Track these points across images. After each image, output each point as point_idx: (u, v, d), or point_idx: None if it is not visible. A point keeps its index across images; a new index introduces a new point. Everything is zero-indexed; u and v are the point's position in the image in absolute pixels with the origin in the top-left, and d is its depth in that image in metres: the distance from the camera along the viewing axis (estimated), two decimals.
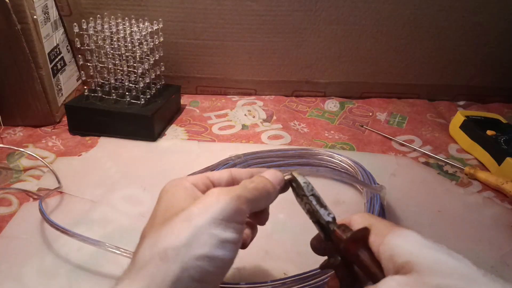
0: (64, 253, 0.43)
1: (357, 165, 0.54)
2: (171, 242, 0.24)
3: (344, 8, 0.75)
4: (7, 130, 0.68)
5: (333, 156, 0.56)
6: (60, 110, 0.71)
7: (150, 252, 0.24)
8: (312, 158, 0.57)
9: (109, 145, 0.65)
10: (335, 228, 0.28)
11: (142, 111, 0.64)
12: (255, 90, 0.85)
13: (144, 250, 0.25)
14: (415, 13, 0.76)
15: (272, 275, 0.41)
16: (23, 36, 0.61)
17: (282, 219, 0.48)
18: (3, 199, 0.51)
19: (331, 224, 0.29)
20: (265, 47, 0.80)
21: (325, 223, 0.29)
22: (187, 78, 0.84)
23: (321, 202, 0.30)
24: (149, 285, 0.23)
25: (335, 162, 0.56)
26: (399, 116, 0.78)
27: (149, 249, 0.25)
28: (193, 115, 0.76)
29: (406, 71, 0.83)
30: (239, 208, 0.27)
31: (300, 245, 0.44)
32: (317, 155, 0.57)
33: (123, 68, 0.65)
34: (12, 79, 0.64)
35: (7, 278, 0.40)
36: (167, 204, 0.28)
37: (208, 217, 0.25)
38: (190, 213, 0.26)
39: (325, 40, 0.79)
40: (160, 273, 0.23)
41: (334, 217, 0.29)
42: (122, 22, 0.65)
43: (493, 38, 0.79)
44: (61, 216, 0.48)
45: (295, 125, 0.74)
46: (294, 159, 0.57)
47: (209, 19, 0.76)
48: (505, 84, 0.85)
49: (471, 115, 0.70)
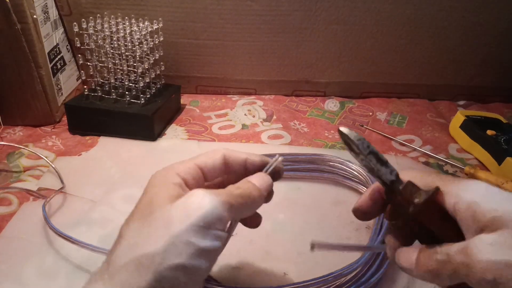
0: (64, 253, 0.43)
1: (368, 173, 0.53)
2: (147, 249, 0.24)
3: (344, 8, 0.75)
4: (7, 129, 0.68)
5: (344, 163, 0.55)
6: (60, 110, 0.71)
7: (125, 256, 0.24)
8: (322, 165, 0.56)
9: (109, 144, 0.64)
10: (402, 190, 0.26)
11: (142, 111, 0.64)
12: (255, 89, 0.85)
13: (120, 253, 0.24)
14: (415, 13, 0.76)
15: (272, 275, 0.41)
16: (23, 36, 0.61)
17: (282, 219, 0.48)
18: (3, 199, 0.51)
19: (396, 183, 0.26)
20: (265, 47, 0.80)
21: (389, 182, 0.26)
22: (187, 77, 0.84)
23: (381, 159, 0.27)
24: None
25: (346, 170, 0.54)
26: (399, 116, 0.78)
27: (124, 253, 0.24)
28: (193, 114, 0.76)
29: (406, 71, 0.83)
30: (221, 216, 0.26)
31: (300, 245, 0.44)
32: (329, 161, 0.55)
33: (123, 67, 0.65)
34: (12, 79, 0.64)
35: (7, 278, 0.40)
36: (150, 199, 0.27)
37: (187, 223, 0.24)
38: (169, 218, 0.25)
39: (325, 40, 0.79)
40: (134, 281, 0.23)
41: (397, 173, 0.27)
42: (122, 21, 0.65)
43: (493, 38, 0.79)
44: (61, 216, 0.48)
45: (295, 124, 0.74)
46: (304, 164, 0.56)
47: (209, 19, 0.76)
48: (505, 84, 0.85)
49: (471, 115, 0.70)
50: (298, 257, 0.43)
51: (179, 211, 0.25)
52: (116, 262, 0.24)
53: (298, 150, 0.65)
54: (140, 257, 0.23)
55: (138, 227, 0.25)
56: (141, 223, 0.25)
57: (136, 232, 0.25)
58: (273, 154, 0.30)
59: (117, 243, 0.25)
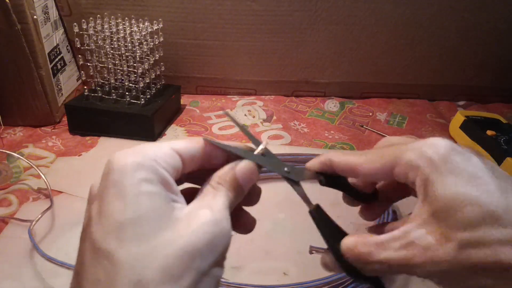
0: (64, 253, 0.43)
1: None
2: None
3: (344, 8, 0.75)
4: (7, 130, 0.68)
5: None
6: (60, 110, 0.71)
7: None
8: None
9: (109, 145, 0.64)
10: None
11: (142, 111, 0.64)
12: (255, 90, 0.85)
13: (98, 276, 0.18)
14: (415, 13, 0.76)
15: (272, 275, 0.41)
16: (23, 36, 0.61)
17: (282, 219, 0.48)
18: (3, 199, 0.51)
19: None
20: (265, 47, 0.80)
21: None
22: (187, 78, 0.84)
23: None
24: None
25: None
26: (399, 116, 0.78)
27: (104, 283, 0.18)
28: (193, 115, 0.76)
29: (406, 71, 0.83)
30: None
31: (300, 245, 0.44)
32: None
33: (123, 68, 0.65)
34: (12, 79, 0.64)
35: (7, 278, 0.40)
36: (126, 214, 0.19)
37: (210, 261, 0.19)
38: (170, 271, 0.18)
39: (325, 40, 0.79)
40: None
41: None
42: (122, 22, 0.65)
43: (493, 38, 0.79)
44: (61, 216, 0.48)
45: (295, 125, 0.74)
46: (304, 164, 0.56)
47: (209, 19, 0.76)
48: (505, 84, 0.85)
49: (471, 115, 0.70)
50: (298, 257, 0.43)
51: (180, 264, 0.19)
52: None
53: (298, 150, 0.65)
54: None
55: (120, 259, 0.18)
56: (125, 249, 0.18)
57: (117, 264, 0.18)
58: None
59: (95, 258, 0.19)
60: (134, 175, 0.20)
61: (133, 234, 0.19)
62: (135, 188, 0.19)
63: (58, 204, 0.50)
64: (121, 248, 0.18)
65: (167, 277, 0.18)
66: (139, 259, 0.18)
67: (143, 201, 0.19)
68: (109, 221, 0.19)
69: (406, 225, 0.21)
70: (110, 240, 0.19)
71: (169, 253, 0.18)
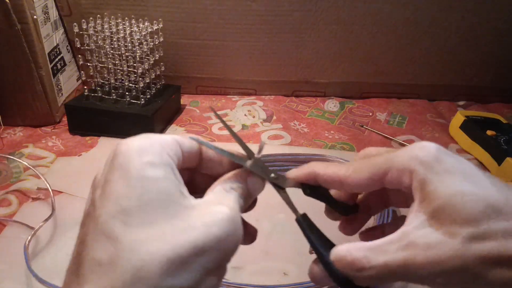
0: (64, 253, 0.43)
1: None
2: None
3: (344, 8, 0.75)
4: (7, 130, 0.68)
5: (344, 163, 0.54)
6: (60, 110, 0.71)
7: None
8: None
9: (109, 145, 0.64)
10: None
11: (142, 111, 0.64)
12: (255, 90, 0.85)
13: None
14: (415, 13, 0.76)
15: (272, 275, 0.41)
16: (23, 36, 0.61)
17: (282, 219, 0.48)
18: (3, 199, 0.51)
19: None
20: (265, 47, 0.80)
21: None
22: (187, 78, 0.84)
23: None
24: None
25: None
26: (399, 116, 0.78)
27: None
28: (193, 115, 0.76)
29: (406, 71, 0.83)
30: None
31: (300, 245, 0.44)
32: (329, 161, 0.56)
33: (123, 68, 0.65)
34: (12, 79, 0.64)
35: (7, 278, 0.40)
36: (145, 195, 0.18)
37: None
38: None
39: (325, 40, 0.79)
40: None
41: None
42: (122, 22, 0.65)
43: (493, 38, 0.79)
44: (61, 217, 0.48)
45: (295, 125, 0.74)
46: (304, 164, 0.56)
47: (209, 19, 0.76)
48: (505, 84, 0.85)
49: (471, 115, 0.70)
50: (298, 257, 0.43)
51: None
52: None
53: (298, 150, 0.65)
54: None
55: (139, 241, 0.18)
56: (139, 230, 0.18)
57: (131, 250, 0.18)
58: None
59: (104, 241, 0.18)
60: (140, 159, 0.19)
61: (139, 218, 0.18)
62: (142, 171, 0.19)
63: (58, 204, 0.50)
64: (126, 232, 0.18)
65: (171, 267, 0.17)
66: (144, 244, 0.17)
67: (150, 184, 0.19)
68: (114, 205, 0.18)
69: (403, 227, 0.21)
70: (115, 223, 0.18)
71: (178, 243, 0.17)
